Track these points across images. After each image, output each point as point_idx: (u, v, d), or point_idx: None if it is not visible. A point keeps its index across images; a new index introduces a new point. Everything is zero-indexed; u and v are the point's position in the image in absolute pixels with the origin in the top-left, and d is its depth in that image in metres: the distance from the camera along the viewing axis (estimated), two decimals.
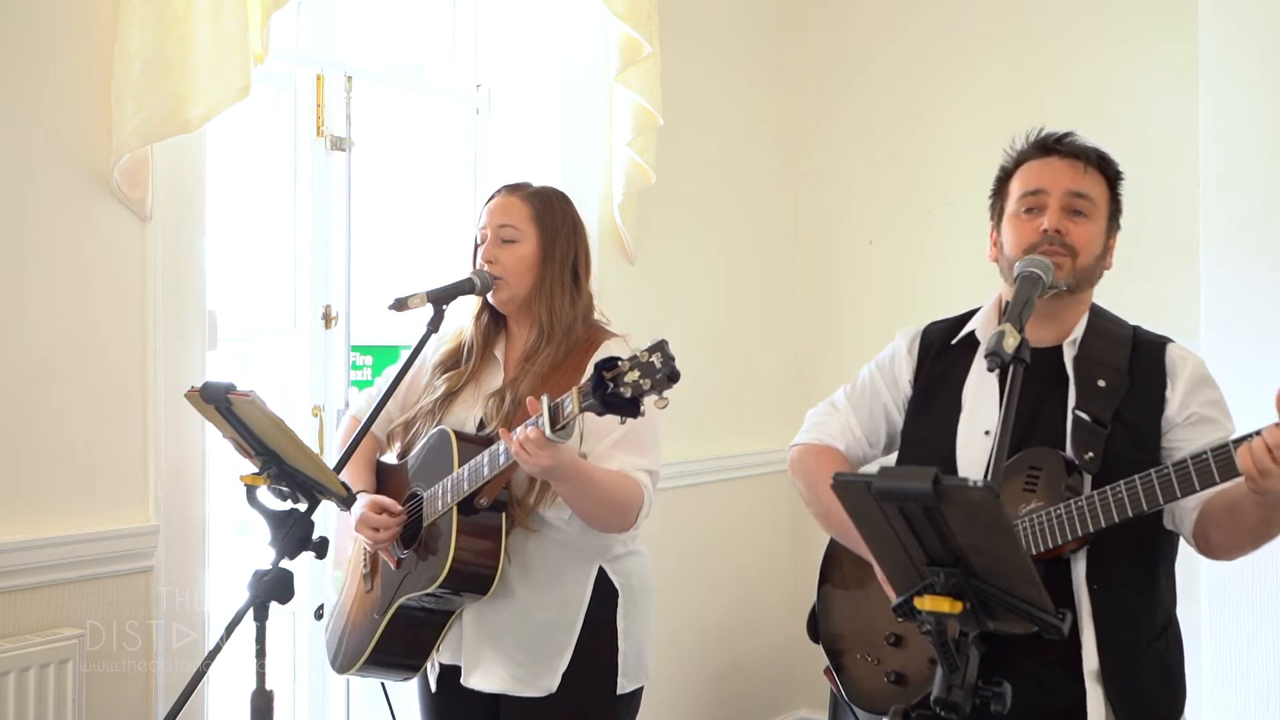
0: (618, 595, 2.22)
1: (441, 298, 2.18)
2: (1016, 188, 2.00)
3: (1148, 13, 3.51)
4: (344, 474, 2.14)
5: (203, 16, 2.37)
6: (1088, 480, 1.86)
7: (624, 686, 2.21)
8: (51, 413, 2.35)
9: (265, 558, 1.87)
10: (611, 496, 2.08)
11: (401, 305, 2.18)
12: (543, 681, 2.16)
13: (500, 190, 2.30)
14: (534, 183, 2.33)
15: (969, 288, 2.44)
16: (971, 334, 2.07)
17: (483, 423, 2.20)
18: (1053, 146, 2.00)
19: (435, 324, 2.19)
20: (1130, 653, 1.87)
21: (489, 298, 2.25)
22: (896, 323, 2.27)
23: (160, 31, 2.36)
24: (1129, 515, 1.76)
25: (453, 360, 2.32)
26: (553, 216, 2.26)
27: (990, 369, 1.61)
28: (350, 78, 3.08)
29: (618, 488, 2.08)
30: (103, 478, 2.43)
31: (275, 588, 1.83)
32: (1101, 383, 1.91)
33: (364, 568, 2.30)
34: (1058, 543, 1.82)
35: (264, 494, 1.96)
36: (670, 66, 3.43)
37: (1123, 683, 1.86)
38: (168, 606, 2.50)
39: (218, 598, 2.61)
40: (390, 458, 2.37)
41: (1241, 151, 3.15)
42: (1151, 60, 3.49)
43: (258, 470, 1.95)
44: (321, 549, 1.93)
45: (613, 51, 3.31)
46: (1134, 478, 1.75)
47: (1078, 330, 1.97)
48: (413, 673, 2.28)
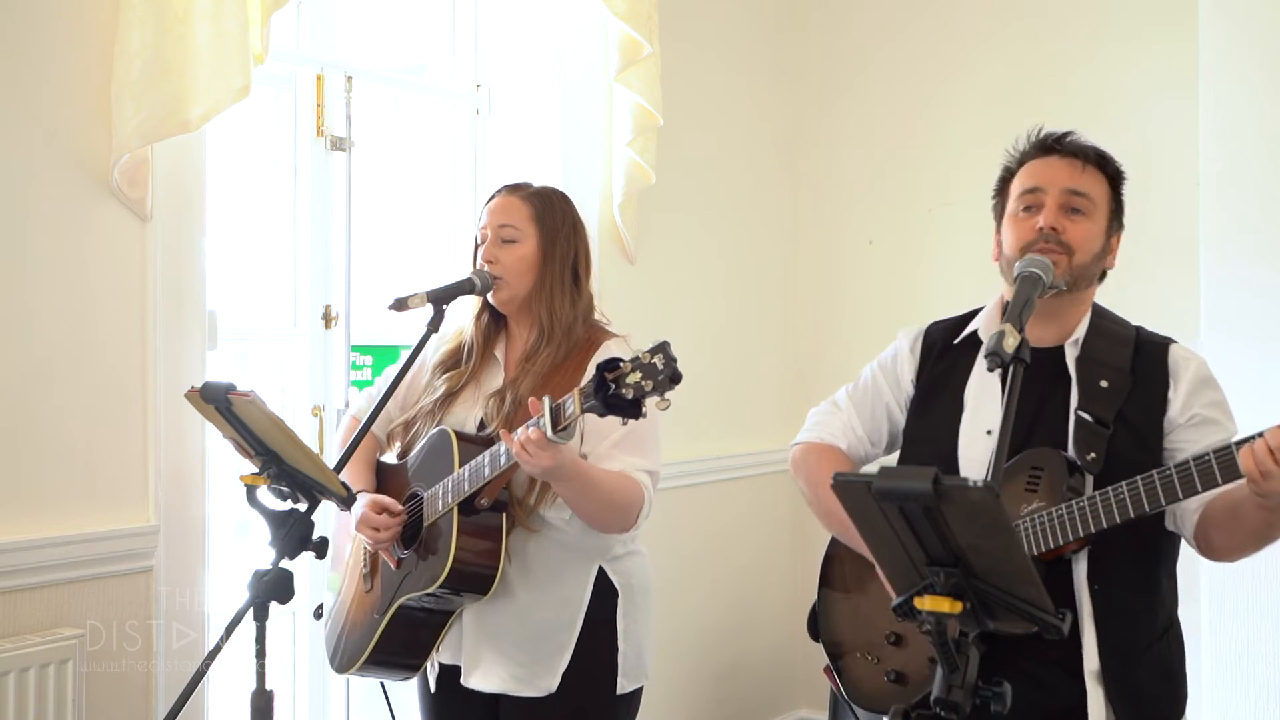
0: (618, 595, 2.22)
1: (441, 298, 2.18)
2: (1016, 187, 2.01)
3: (1148, 13, 3.51)
4: (344, 474, 2.14)
5: (203, 16, 2.37)
6: (1089, 481, 1.86)
7: (624, 686, 2.22)
8: (51, 413, 2.35)
9: (265, 558, 1.87)
10: (612, 497, 2.08)
11: (401, 305, 2.18)
12: (543, 681, 2.16)
13: (500, 190, 2.30)
14: (534, 183, 2.33)
15: (969, 288, 2.45)
16: (974, 334, 2.07)
17: (483, 423, 2.20)
18: (1052, 146, 2.00)
19: (435, 324, 2.19)
20: (1131, 653, 1.87)
21: (489, 298, 2.25)
22: (896, 323, 2.27)
23: (160, 31, 2.36)
24: (1130, 516, 1.76)
25: (453, 360, 2.32)
26: (553, 216, 2.26)
27: (990, 369, 1.62)
28: (350, 78, 3.09)
29: (618, 488, 2.08)
30: (103, 478, 2.43)
31: (275, 588, 1.83)
32: (1104, 383, 1.91)
33: (364, 567, 2.30)
34: (1059, 543, 1.82)
35: (264, 494, 1.96)
36: (670, 66, 3.43)
37: (1123, 683, 1.86)
38: (168, 606, 2.50)
39: (218, 598, 2.61)
40: (390, 458, 2.37)
41: (1241, 152, 3.15)
42: (1151, 60, 3.49)
43: (258, 470, 1.95)
44: (321, 549, 1.93)
45: (613, 51, 3.31)
46: (1136, 479, 1.75)
47: (1080, 330, 1.97)
48: (412, 673, 2.28)
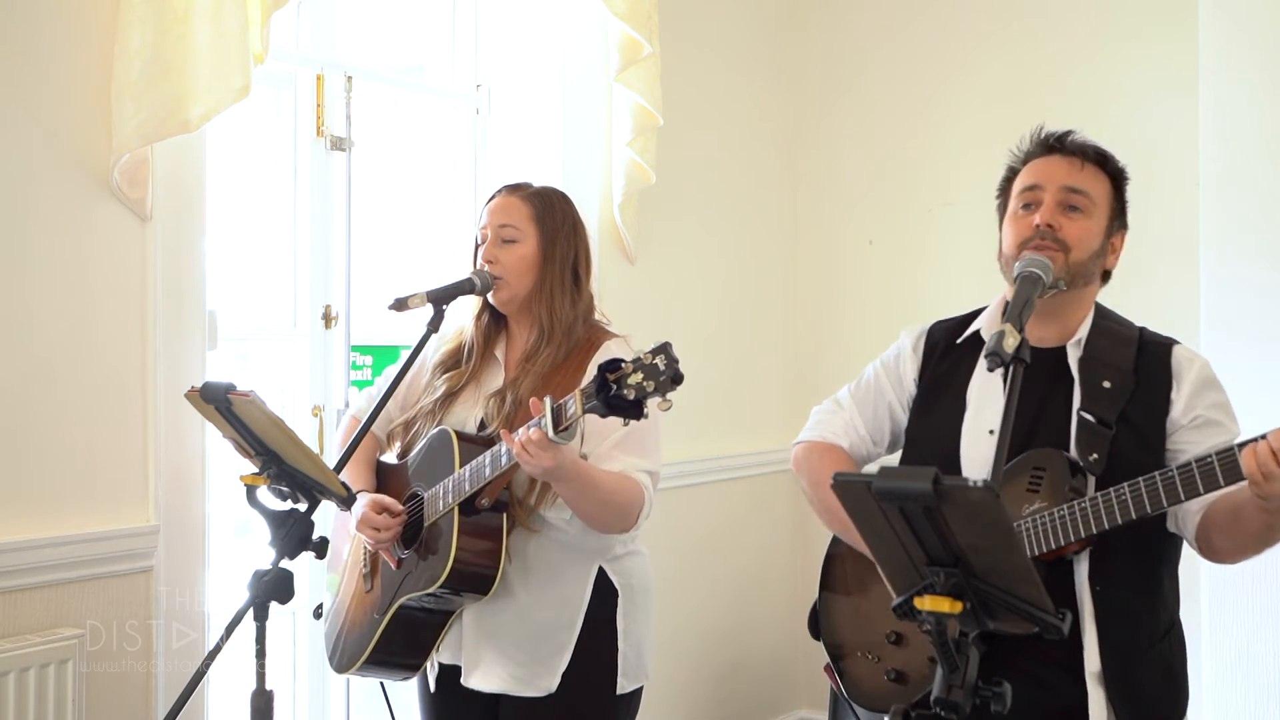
0: (618, 595, 2.22)
1: (441, 298, 2.18)
2: (1017, 185, 2.01)
3: (1148, 13, 3.51)
4: (344, 474, 2.14)
5: (203, 16, 2.37)
6: (1091, 482, 1.85)
7: (624, 686, 2.21)
8: (51, 413, 2.35)
9: (265, 558, 1.87)
10: (612, 498, 2.08)
11: (401, 305, 2.18)
12: (542, 681, 2.16)
13: (501, 190, 2.30)
14: (534, 183, 2.33)
15: (969, 288, 2.45)
16: (977, 333, 2.07)
17: (483, 423, 2.20)
18: (1054, 145, 2.01)
19: (435, 324, 2.19)
20: (1132, 654, 1.87)
21: (489, 298, 2.25)
22: (896, 323, 2.27)
23: (160, 31, 2.36)
24: (1132, 517, 1.76)
25: (453, 360, 2.32)
26: (553, 216, 2.26)
27: (990, 369, 1.61)
28: (350, 78, 3.08)
29: (618, 489, 2.08)
30: (103, 478, 2.43)
31: (275, 588, 1.83)
32: (1106, 384, 1.91)
33: (364, 567, 2.30)
34: (1060, 543, 1.82)
35: (264, 494, 1.96)
36: (670, 66, 3.43)
37: (1125, 684, 1.86)
38: (168, 606, 2.50)
39: (218, 598, 2.61)
40: (390, 457, 2.37)
41: (1241, 152, 3.15)
42: (1152, 61, 3.49)
43: (258, 470, 1.95)
44: (321, 549, 1.93)
45: (613, 51, 3.31)
46: (1138, 480, 1.75)
47: (1082, 330, 1.97)
48: (412, 672, 2.28)
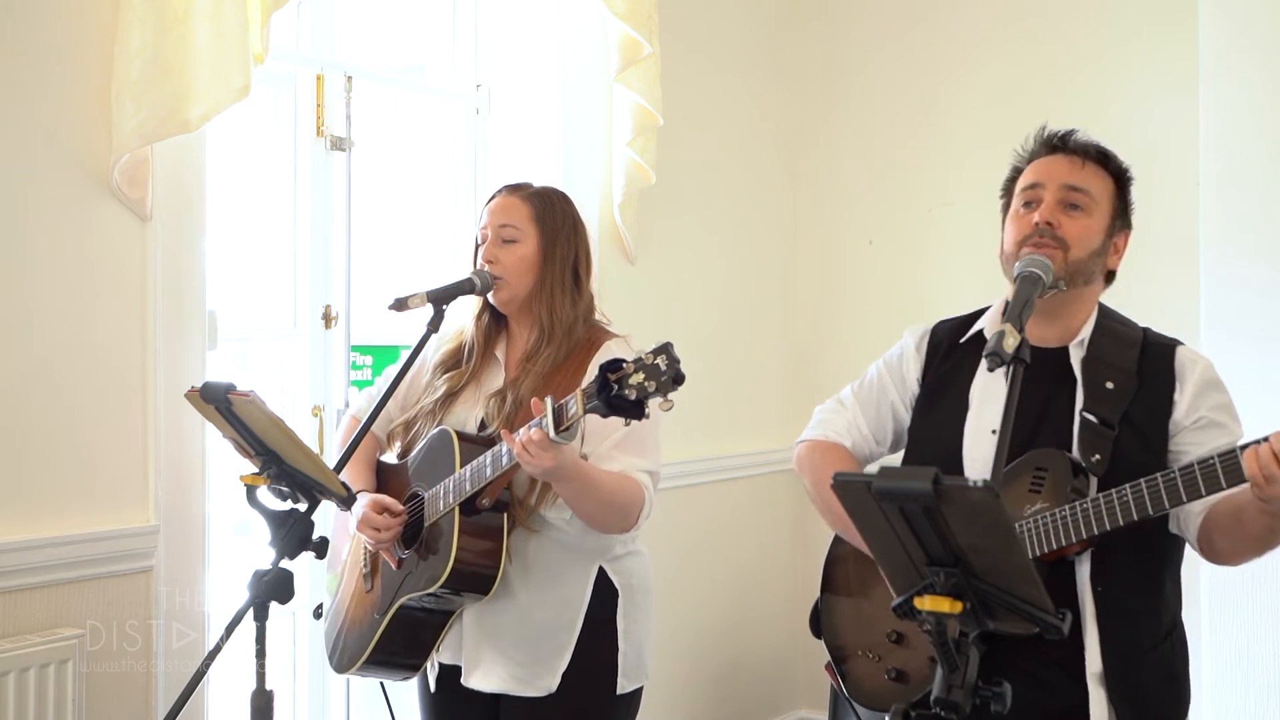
0: (618, 595, 2.22)
1: (442, 298, 2.18)
2: (1019, 184, 2.02)
3: (1148, 14, 3.51)
4: (344, 474, 2.14)
5: (203, 16, 2.37)
6: (1093, 482, 1.85)
7: (624, 686, 2.21)
8: (52, 413, 2.35)
9: (265, 558, 1.87)
10: (613, 498, 2.08)
11: (401, 305, 2.18)
12: (543, 681, 2.15)
13: (501, 190, 2.30)
14: (534, 183, 2.33)
15: (969, 288, 2.45)
16: (980, 333, 2.07)
17: (484, 423, 2.20)
18: (1056, 144, 2.01)
19: (435, 324, 2.19)
20: (1134, 654, 1.87)
21: (490, 298, 2.25)
22: (896, 323, 2.27)
23: (160, 31, 2.36)
24: (1134, 519, 1.76)
25: (453, 360, 2.32)
26: (553, 216, 2.26)
27: (990, 369, 1.62)
28: (350, 78, 3.08)
29: (619, 489, 2.08)
30: (103, 478, 2.43)
31: (275, 588, 1.83)
32: (1109, 384, 1.91)
33: (364, 567, 2.30)
34: (1062, 544, 1.82)
35: (264, 494, 1.96)
36: (670, 66, 3.43)
37: (1126, 684, 1.85)
38: (168, 606, 2.50)
39: (218, 598, 2.61)
40: (390, 457, 2.37)
41: (1241, 152, 3.15)
42: (1152, 61, 3.49)
43: (258, 470, 1.94)
44: (321, 549, 1.93)
45: (613, 51, 3.31)
46: (1140, 482, 1.75)
47: (1085, 331, 1.97)
48: (413, 672, 2.28)
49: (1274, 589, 3.01)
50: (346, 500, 1.98)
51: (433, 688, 2.30)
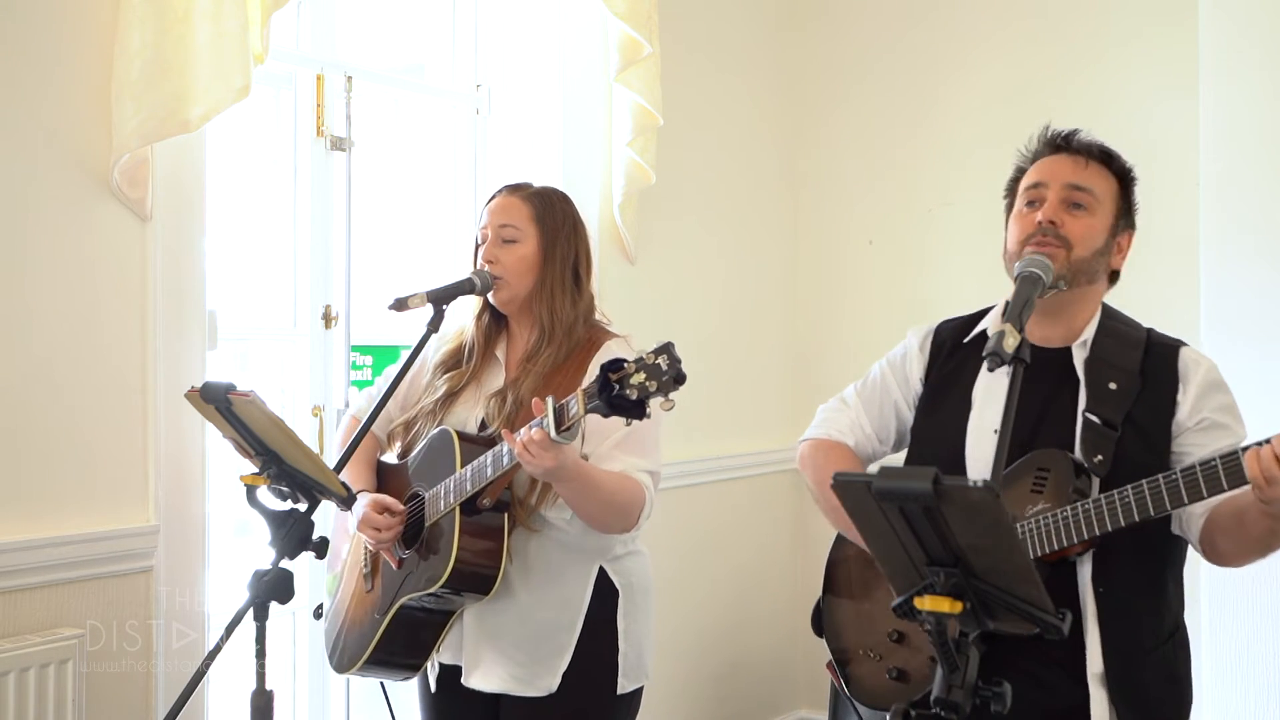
0: (618, 595, 2.22)
1: (442, 298, 2.18)
2: (1023, 184, 2.02)
3: (1148, 14, 3.51)
4: (344, 474, 2.14)
5: (203, 16, 2.37)
6: (1096, 483, 1.85)
7: (624, 686, 2.21)
8: (52, 413, 2.35)
9: (265, 558, 1.87)
10: (613, 498, 2.08)
11: (401, 305, 2.18)
12: (543, 681, 2.15)
13: (501, 190, 2.30)
14: (535, 183, 2.33)
15: (969, 288, 2.45)
16: (983, 333, 2.07)
17: (484, 423, 2.20)
18: (1059, 143, 2.01)
19: (435, 324, 2.19)
20: (1135, 655, 1.86)
21: (490, 298, 2.25)
22: (897, 323, 2.28)
23: (160, 31, 2.36)
24: (1136, 520, 1.75)
25: (454, 360, 2.32)
26: (553, 216, 2.26)
27: (990, 369, 1.61)
28: (350, 78, 3.08)
29: (619, 489, 2.08)
30: (103, 478, 2.43)
31: (275, 588, 1.83)
32: (1112, 385, 1.91)
33: (364, 567, 2.30)
34: (1064, 545, 1.82)
35: (264, 494, 1.96)
36: (670, 66, 3.43)
37: (1127, 685, 1.85)
38: (168, 606, 2.50)
39: (218, 598, 2.61)
40: (391, 457, 2.36)
41: (1241, 152, 3.15)
42: (1152, 62, 3.49)
43: (258, 470, 1.94)
44: (321, 549, 1.93)
45: (613, 51, 3.31)
46: (1141, 483, 1.75)
47: (1088, 331, 1.97)
48: (413, 672, 2.28)
49: (1274, 589, 3.01)
50: (347, 500, 1.98)
51: (433, 688, 2.30)
